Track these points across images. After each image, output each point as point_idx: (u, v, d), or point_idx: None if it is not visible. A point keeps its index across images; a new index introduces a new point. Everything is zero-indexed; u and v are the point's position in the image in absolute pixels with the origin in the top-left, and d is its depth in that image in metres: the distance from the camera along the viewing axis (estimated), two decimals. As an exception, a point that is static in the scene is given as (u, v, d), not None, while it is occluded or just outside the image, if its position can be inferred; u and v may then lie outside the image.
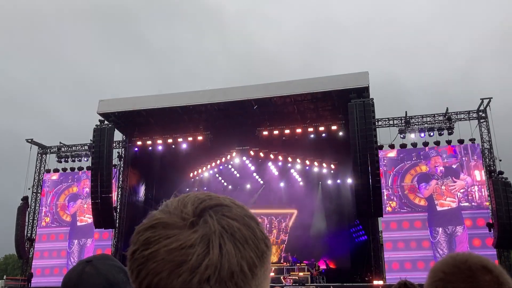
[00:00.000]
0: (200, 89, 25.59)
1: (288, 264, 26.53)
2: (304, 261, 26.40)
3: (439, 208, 23.86)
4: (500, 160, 23.69)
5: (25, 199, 28.64)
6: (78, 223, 28.61)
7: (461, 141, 24.63)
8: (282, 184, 31.05)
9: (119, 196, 27.63)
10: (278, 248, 30.28)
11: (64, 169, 29.70)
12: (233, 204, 0.73)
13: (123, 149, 28.24)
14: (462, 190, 23.86)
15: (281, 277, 24.12)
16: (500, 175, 22.65)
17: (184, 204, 0.69)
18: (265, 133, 26.10)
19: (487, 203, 23.12)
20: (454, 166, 24.37)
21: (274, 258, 29.79)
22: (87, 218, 28.10)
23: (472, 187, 23.88)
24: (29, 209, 28.97)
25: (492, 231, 22.12)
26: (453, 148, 24.57)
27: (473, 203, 23.67)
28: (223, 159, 29.27)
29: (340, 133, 25.12)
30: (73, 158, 29.63)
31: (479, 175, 23.89)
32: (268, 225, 30.82)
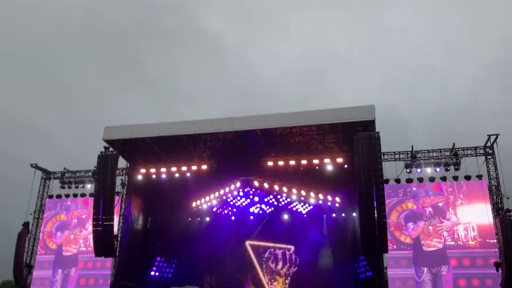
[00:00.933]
0: (200, 117, 25.68)
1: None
2: None
3: (425, 249, 23.78)
4: (508, 198, 23.37)
5: (25, 224, 28.39)
6: (64, 253, 28.48)
7: (468, 177, 24.44)
8: (286, 216, 30.65)
9: (121, 224, 27.37)
10: (284, 283, 29.65)
11: (67, 195, 29.59)
12: None
13: (126, 176, 28.14)
14: (448, 229, 23.74)
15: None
16: (508, 213, 22.29)
17: None
18: (270, 163, 25.92)
19: (496, 240, 22.67)
20: (440, 204, 24.29)
21: None
22: (73, 249, 28.27)
23: (458, 226, 23.72)
24: (29, 235, 28.71)
25: (499, 271, 21.62)
26: (439, 185, 24.58)
27: (459, 242, 23.41)
28: (227, 189, 29.03)
29: (345, 166, 24.93)
30: (76, 184, 29.57)
31: (468, 214, 23.72)
32: (280, 256, 30.25)
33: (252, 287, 29.42)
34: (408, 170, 25.04)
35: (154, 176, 27.39)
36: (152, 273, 29.13)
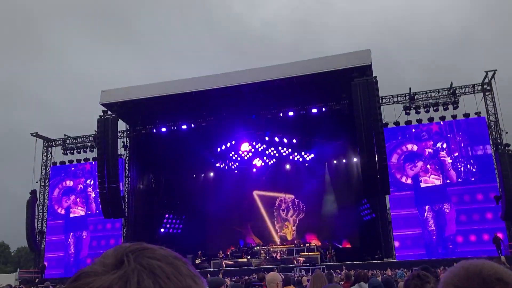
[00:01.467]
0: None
1: (297, 245, 26.75)
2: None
3: (423, 185, 24.13)
4: (507, 133, 23.54)
5: (33, 192, 28.83)
6: (71, 215, 29.03)
7: (466, 115, 24.48)
8: (288, 166, 31.07)
9: (126, 185, 27.77)
10: (292, 229, 30.45)
11: (70, 161, 29.82)
12: (158, 248, 0.74)
13: (127, 138, 28.29)
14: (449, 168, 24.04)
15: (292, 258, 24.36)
16: (506, 148, 22.55)
17: (107, 254, 0.72)
18: (269, 116, 26.01)
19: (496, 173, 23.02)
20: (440, 144, 24.47)
21: (289, 237, 30.05)
22: (80, 211, 28.70)
23: (459, 164, 23.98)
24: (37, 202, 29.20)
25: (500, 203, 22.13)
26: (438, 125, 24.64)
27: (458, 180, 23.78)
28: (228, 144, 29.26)
29: (345, 113, 25.00)
30: (79, 150, 29.72)
31: (468, 150, 23.98)
32: (290, 204, 30.90)
33: (254, 238, 30.23)
34: (407, 112, 25.03)
35: (155, 136, 27.57)
36: (162, 230, 29.92)
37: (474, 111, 24.45)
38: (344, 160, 29.99)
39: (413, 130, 24.97)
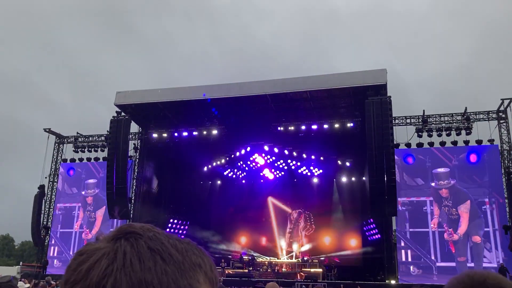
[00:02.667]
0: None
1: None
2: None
3: None
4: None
5: (41, 187, 29.07)
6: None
7: (479, 142, 24.22)
8: (295, 180, 30.96)
9: (134, 187, 27.89)
10: (299, 242, 30.14)
11: (81, 159, 30.03)
12: (166, 238, 0.77)
13: (139, 140, 28.47)
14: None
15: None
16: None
17: (102, 238, 0.75)
18: (280, 128, 26.02)
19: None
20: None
21: (294, 251, 29.67)
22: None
23: None
24: (45, 197, 29.41)
25: (508, 234, 21.81)
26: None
27: None
28: (238, 154, 29.30)
29: (356, 131, 24.93)
30: (90, 149, 29.93)
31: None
32: (300, 218, 30.66)
33: (258, 249, 29.95)
34: (419, 135, 24.83)
35: (166, 140, 27.73)
36: (165, 235, 29.80)
37: (488, 138, 24.23)
38: (353, 178, 29.81)
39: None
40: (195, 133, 26.94)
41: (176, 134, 27.24)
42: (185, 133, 27.12)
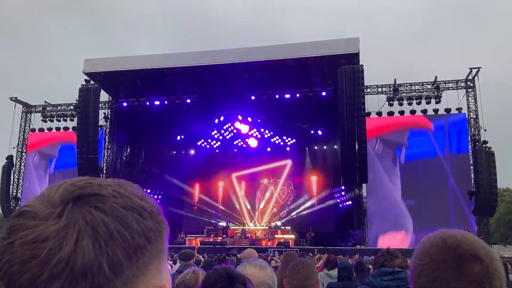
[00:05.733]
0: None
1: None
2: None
3: None
4: (485, 130, 23.93)
5: (9, 158, 28.35)
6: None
7: (448, 110, 24.78)
8: (268, 149, 31.09)
9: (105, 157, 27.49)
10: (271, 210, 30.51)
11: (50, 129, 29.34)
12: (114, 194, 0.66)
13: (109, 110, 27.89)
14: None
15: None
16: (484, 145, 22.92)
17: (56, 191, 0.64)
18: (253, 97, 25.94)
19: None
20: None
21: (266, 219, 30.06)
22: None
23: None
24: (14, 168, 28.75)
25: (473, 200, 22.62)
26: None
27: None
28: (211, 123, 29.14)
29: (329, 100, 25.06)
30: (59, 118, 29.22)
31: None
32: (272, 187, 30.84)
33: (231, 218, 30.21)
34: (390, 103, 25.15)
35: (137, 109, 27.26)
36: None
37: (456, 106, 24.81)
38: (325, 147, 30.15)
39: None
40: (166, 102, 26.55)
41: (147, 103, 26.80)
42: (157, 102, 26.70)
